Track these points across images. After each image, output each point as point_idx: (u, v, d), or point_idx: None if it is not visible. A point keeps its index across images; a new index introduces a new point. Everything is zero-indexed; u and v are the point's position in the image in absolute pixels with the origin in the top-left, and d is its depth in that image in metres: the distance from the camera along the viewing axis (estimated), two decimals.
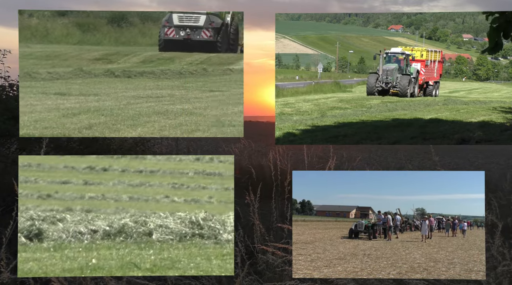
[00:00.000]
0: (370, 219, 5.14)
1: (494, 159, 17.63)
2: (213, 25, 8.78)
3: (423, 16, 13.77)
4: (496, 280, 4.61)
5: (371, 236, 5.16)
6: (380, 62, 12.13)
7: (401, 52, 12.21)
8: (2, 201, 6.82)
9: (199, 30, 8.68)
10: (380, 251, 4.86)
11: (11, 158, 8.53)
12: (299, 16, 12.81)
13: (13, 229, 4.58)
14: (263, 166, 9.97)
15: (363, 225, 5.22)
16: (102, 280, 4.55)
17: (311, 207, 4.74)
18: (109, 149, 9.99)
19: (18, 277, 4.37)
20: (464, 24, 14.41)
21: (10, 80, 9.52)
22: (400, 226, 5.30)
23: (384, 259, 4.59)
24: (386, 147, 17.22)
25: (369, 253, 4.73)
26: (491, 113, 7.71)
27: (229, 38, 9.21)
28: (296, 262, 4.43)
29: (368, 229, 5.19)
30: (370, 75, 11.54)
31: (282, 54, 13.66)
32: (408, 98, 10.84)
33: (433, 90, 11.57)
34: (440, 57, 12.14)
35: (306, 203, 4.70)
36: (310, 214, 4.77)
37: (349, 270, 4.36)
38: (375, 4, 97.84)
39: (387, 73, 11.51)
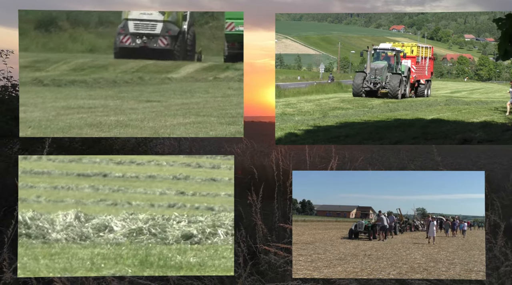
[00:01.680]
0: (370, 219, 5.14)
1: (497, 159, 17.60)
2: (170, 33, 8.78)
3: (425, 16, 13.74)
4: (499, 281, 4.60)
5: (371, 236, 5.15)
6: (367, 59, 11.22)
7: (391, 48, 11.22)
8: (5, 201, 6.83)
9: (156, 38, 8.67)
10: (381, 252, 4.86)
11: (14, 158, 8.55)
12: (300, 16, 12.76)
13: (15, 229, 4.60)
14: (265, 167, 9.98)
15: (363, 225, 5.22)
16: (104, 280, 4.55)
17: (312, 207, 4.74)
18: (112, 150, 10.01)
19: (20, 277, 4.38)
20: (466, 24, 14.39)
21: (13, 80, 9.55)
22: (400, 226, 5.28)
23: (384, 260, 4.59)
24: (388, 147, 17.21)
25: (369, 254, 4.73)
26: (492, 113, 7.71)
27: (186, 45, 9.28)
28: (296, 262, 4.43)
29: (368, 229, 5.18)
30: (357, 74, 10.54)
31: (283, 54, 13.66)
32: (399, 99, 10.04)
33: (425, 90, 10.77)
34: (431, 53, 11.45)
35: (307, 203, 4.71)
36: (310, 214, 4.78)
37: (349, 270, 4.36)
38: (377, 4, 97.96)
39: (375, 72, 10.48)
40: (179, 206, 5.91)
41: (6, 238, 4.65)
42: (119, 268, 4.30)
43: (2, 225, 5.61)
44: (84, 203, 5.89)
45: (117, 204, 5.93)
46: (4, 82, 9.48)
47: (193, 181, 7.04)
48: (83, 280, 4.47)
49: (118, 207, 5.80)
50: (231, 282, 4.80)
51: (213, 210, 5.52)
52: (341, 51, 14.19)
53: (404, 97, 10.23)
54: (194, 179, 7.08)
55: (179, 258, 4.45)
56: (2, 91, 9.38)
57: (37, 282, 4.42)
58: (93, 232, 4.84)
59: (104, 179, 6.85)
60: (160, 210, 5.70)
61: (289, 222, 5.46)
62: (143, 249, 4.61)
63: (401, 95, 10.10)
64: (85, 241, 4.73)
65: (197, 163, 7.58)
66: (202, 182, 6.97)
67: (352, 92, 10.18)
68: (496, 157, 18.52)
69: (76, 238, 4.73)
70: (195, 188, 6.68)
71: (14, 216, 4.54)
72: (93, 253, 4.51)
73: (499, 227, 4.88)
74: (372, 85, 10.18)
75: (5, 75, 9.51)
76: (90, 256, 4.46)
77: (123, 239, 4.76)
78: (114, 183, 6.76)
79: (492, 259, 4.80)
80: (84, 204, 5.84)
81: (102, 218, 5.02)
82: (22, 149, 9.09)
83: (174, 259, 4.44)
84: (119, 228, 4.88)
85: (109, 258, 4.43)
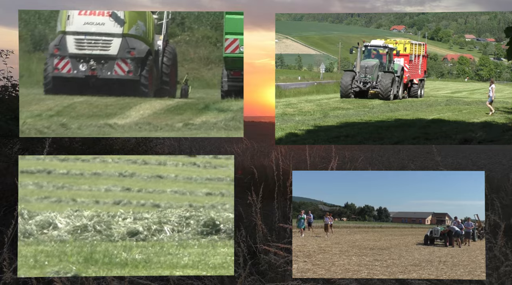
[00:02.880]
0: (446, 225, 5.00)
1: (497, 159, 17.59)
2: (133, 54, 5.68)
3: (426, 16, 13.72)
4: (499, 281, 4.60)
5: (447, 242, 5.01)
6: (357, 57, 10.49)
7: (384, 45, 10.53)
8: (5, 201, 6.83)
9: (111, 61, 5.66)
10: (457, 258, 4.72)
11: (14, 158, 8.55)
12: (301, 16, 12.72)
13: (15, 229, 4.59)
14: (265, 167, 9.97)
15: (438, 232, 5.03)
16: (104, 280, 4.55)
17: (388, 213, 4.66)
18: (112, 150, 10.00)
19: (20, 277, 4.38)
20: (466, 25, 14.38)
21: (13, 80, 9.55)
22: (479, 232, 4.95)
23: (461, 267, 4.45)
24: (388, 147, 17.20)
25: (445, 260, 4.64)
26: (493, 113, 7.71)
27: (161, 72, 6.14)
28: (373, 267, 4.38)
29: (444, 236, 5.00)
30: (345, 73, 9.77)
31: (284, 54, 13.65)
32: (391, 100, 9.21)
33: (418, 90, 10.15)
34: (424, 51, 10.81)
35: (383, 210, 4.64)
36: (386, 221, 4.73)
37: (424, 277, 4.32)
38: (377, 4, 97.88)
39: (365, 71, 9.80)
40: (124, 203, 5.84)
41: (6, 238, 4.65)
42: (63, 266, 4.22)
43: (2, 225, 5.61)
44: (27, 200, 5.81)
45: (62, 201, 5.85)
46: (4, 82, 9.49)
47: (139, 178, 6.96)
48: (83, 280, 4.46)
49: (62, 204, 5.72)
50: (231, 282, 4.79)
51: (159, 207, 5.50)
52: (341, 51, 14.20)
53: (396, 98, 9.56)
54: (140, 176, 6.99)
55: (125, 255, 4.39)
56: (2, 91, 9.38)
57: (37, 282, 4.42)
58: (36, 229, 4.74)
59: (48, 176, 6.79)
60: (105, 207, 5.63)
61: (289, 222, 5.46)
62: (87, 246, 4.54)
63: (393, 95, 9.41)
64: (28, 238, 4.64)
65: (143, 160, 7.45)
66: (147, 179, 6.90)
67: (339, 93, 9.47)
68: (496, 157, 18.51)
69: (19, 235, 4.62)
70: (141, 185, 6.61)
71: (14, 216, 4.54)
72: (36, 251, 4.44)
73: (499, 227, 4.87)
74: (361, 84, 9.55)
75: (5, 75, 9.52)
76: (33, 253, 4.38)
77: (67, 236, 4.69)
78: (58, 180, 6.66)
79: (492, 259, 4.79)
80: (27, 201, 5.77)
81: (46, 215, 4.92)
82: (22, 149, 9.09)
83: (120, 256, 4.37)
84: (63, 225, 4.80)
85: (53, 255, 4.35)
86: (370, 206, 4.60)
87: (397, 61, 10.23)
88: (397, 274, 4.28)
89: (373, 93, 9.44)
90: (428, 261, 4.61)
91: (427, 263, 4.53)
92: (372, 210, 4.68)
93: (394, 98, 9.38)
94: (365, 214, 4.77)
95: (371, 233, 4.76)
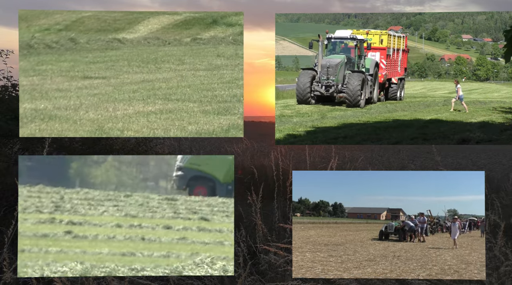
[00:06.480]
0: (400, 220, 5.06)
1: (496, 159, 17.63)
2: None
3: (423, 16, 13.74)
4: (499, 280, 4.62)
5: (401, 238, 5.07)
6: (319, 52, 8.40)
7: (351, 36, 8.28)
8: (5, 201, 6.84)
9: None
10: (410, 253, 4.77)
11: (14, 158, 8.55)
12: (298, 17, 12.73)
13: (15, 229, 4.60)
14: (265, 166, 10.00)
15: (393, 227, 5.09)
16: (105, 280, 4.56)
17: (343, 209, 4.71)
18: (112, 150, 10.01)
19: (20, 277, 4.39)
20: (463, 25, 14.41)
21: (13, 80, 9.56)
22: (431, 227, 5.14)
23: (414, 261, 4.51)
24: (388, 147, 17.23)
25: (399, 255, 4.68)
26: (491, 113, 7.74)
27: None
28: (327, 263, 4.41)
29: (398, 231, 5.07)
30: (302, 72, 7.87)
31: (281, 56, 13.66)
32: (362, 107, 7.12)
33: (397, 91, 8.19)
34: (404, 44, 8.71)
35: (338, 205, 4.68)
36: (341, 216, 4.76)
37: (379, 272, 4.34)
38: (377, 4, 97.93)
39: (327, 71, 7.73)
40: None
41: (6, 238, 4.66)
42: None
43: (2, 225, 5.62)
44: None
45: None
46: (4, 82, 9.50)
47: None
48: (83, 280, 4.47)
49: None
50: (231, 282, 4.81)
51: None
52: None
53: (371, 102, 7.68)
54: None
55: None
56: (2, 91, 9.38)
57: (37, 282, 4.43)
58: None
59: None
60: None
61: (289, 222, 5.48)
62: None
63: (364, 101, 7.44)
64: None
65: None
66: None
67: (296, 98, 7.32)
68: (496, 157, 18.55)
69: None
70: None
71: (14, 216, 4.55)
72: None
73: (499, 227, 4.90)
74: (323, 89, 7.57)
75: (5, 75, 9.53)
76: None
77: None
78: None
79: (492, 259, 4.82)
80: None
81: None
82: (22, 149, 9.09)
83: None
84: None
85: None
86: (325, 201, 4.64)
87: (371, 56, 8.21)
88: (351, 270, 4.34)
89: (340, 98, 7.55)
90: (383, 256, 4.69)
91: (382, 258, 4.61)
92: (327, 206, 4.71)
93: (368, 103, 7.51)
94: (320, 210, 4.78)
95: (326, 229, 4.76)
